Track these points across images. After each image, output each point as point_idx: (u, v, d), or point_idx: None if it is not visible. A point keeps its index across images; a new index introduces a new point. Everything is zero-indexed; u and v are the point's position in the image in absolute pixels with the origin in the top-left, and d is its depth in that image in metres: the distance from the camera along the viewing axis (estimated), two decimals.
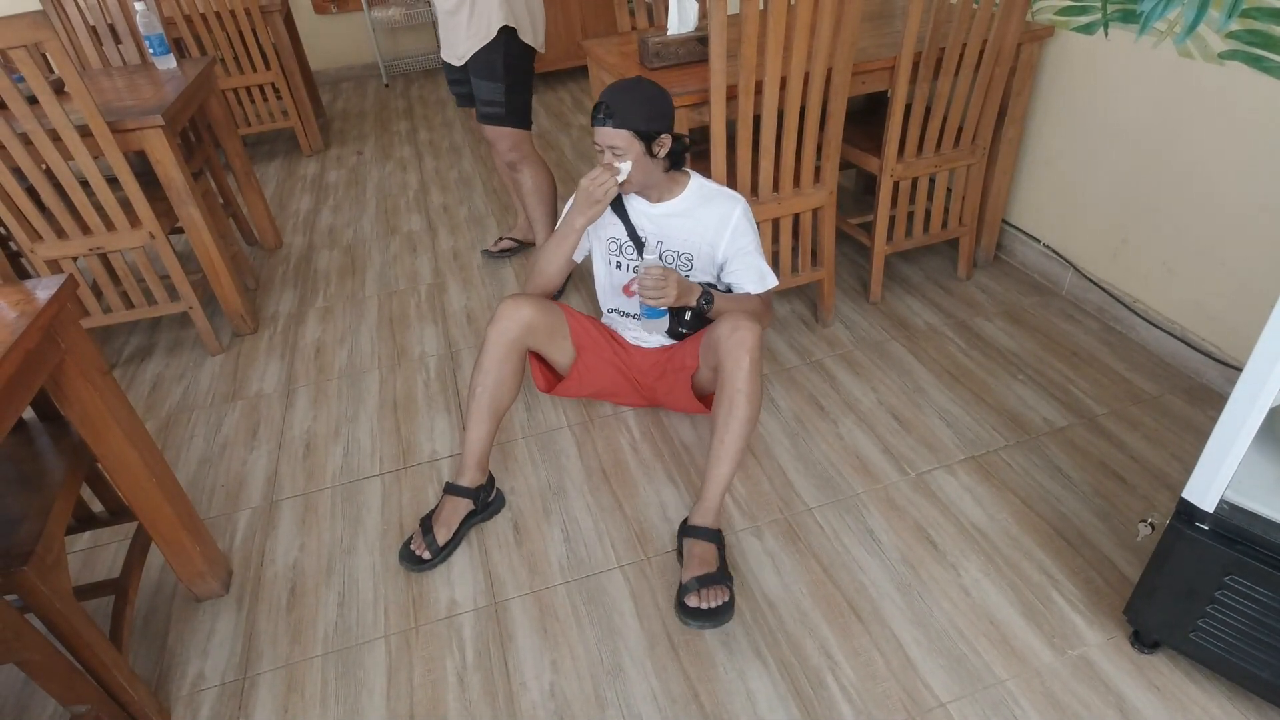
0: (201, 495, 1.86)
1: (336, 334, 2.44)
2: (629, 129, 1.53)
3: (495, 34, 2.21)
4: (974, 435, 1.84)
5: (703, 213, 1.67)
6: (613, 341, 1.83)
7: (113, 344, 2.49)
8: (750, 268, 1.70)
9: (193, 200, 2.24)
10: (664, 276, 1.52)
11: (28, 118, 1.90)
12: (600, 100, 1.54)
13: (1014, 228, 2.47)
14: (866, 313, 2.31)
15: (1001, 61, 2.03)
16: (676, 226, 1.69)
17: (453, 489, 1.67)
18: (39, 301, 1.17)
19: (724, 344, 1.53)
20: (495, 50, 2.25)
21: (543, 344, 1.74)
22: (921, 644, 1.40)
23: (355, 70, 5.27)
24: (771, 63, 1.76)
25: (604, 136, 1.55)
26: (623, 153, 1.55)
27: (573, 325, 1.78)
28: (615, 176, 1.57)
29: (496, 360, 1.64)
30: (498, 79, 2.31)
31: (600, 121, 1.54)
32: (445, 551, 1.62)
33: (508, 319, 1.65)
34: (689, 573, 1.47)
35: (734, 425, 1.53)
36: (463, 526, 1.66)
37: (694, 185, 1.69)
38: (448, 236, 3.01)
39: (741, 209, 1.67)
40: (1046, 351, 2.09)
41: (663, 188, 1.66)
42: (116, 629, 1.35)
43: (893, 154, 2.10)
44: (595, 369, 1.81)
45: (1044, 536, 1.58)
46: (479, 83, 2.32)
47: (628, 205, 1.70)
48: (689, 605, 1.43)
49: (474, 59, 2.27)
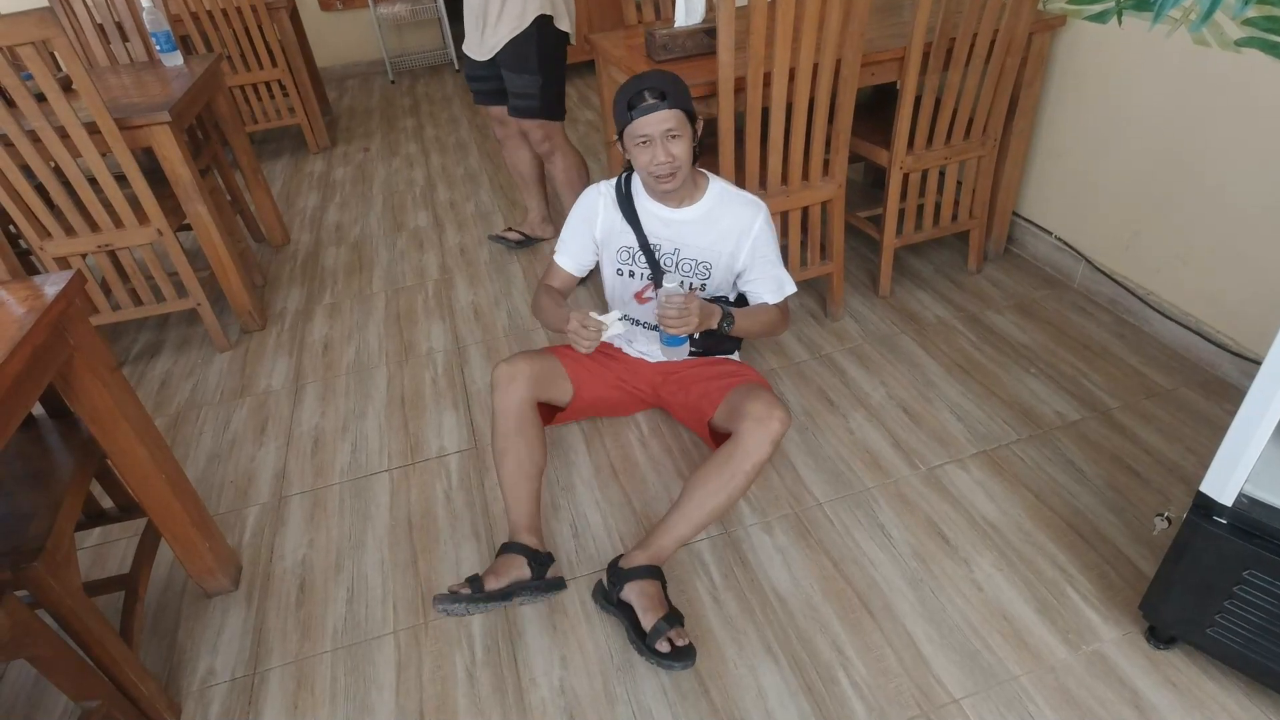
0: (211, 491, 1.86)
1: (344, 330, 2.44)
2: (682, 108, 1.45)
3: (529, 23, 2.18)
4: (985, 429, 1.82)
5: (722, 219, 1.60)
6: (610, 361, 1.77)
7: (122, 341, 2.50)
8: (769, 277, 1.65)
9: (200, 197, 2.24)
10: (686, 305, 1.43)
11: (36, 115, 1.91)
12: (639, 86, 1.43)
13: (1025, 220, 2.44)
14: (876, 307, 2.30)
15: (1012, 52, 2.01)
16: (694, 234, 1.60)
17: (508, 546, 1.48)
18: (47, 298, 1.17)
19: (752, 421, 1.44)
20: (529, 41, 2.22)
21: (545, 392, 1.64)
22: (934, 640, 1.39)
23: (361, 67, 5.27)
24: (780, 54, 1.74)
25: (658, 121, 1.42)
26: (679, 135, 1.44)
27: (567, 365, 1.70)
28: (598, 337, 1.45)
29: (511, 431, 1.55)
30: (532, 71, 2.27)
31: (652, 108, 1.42)
32: (488, 598, 1.40)
33: (507, 389, 1.55)
34: (650, 617, 1.36)
35: (719, 499, 1.45)
36: (514, 587, 1.43)
37: (714, 189, 1.61)
38: (455, 232, 3.00)
39: (764, 217, 1.61)
40: (1058, 345, 2.07)
41: (685, 189, 1.57)
42: (126, 625, 1.35)
43: (902, 146, 2.09)
44: (595, 393, 1.74)
45: (1057, 531, 1.56)
46: (511, 76, 2.29)
47: (640, 209, 1.62)
48: (663, 650, 1.32)
49: (506, 50, 2.23)
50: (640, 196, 1.62)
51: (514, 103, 2.36)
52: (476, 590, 1.40)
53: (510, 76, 2.30)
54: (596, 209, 1.66)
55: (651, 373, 1.78)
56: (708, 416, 1.65)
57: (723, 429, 1.59)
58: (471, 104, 4.48)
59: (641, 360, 1.78)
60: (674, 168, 1.47)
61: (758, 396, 1.50)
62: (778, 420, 1.45)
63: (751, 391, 1.53)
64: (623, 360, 1.78)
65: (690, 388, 1.71)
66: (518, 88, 2.31)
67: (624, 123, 1.47)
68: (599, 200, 1.66)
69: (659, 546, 1.45)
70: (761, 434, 1.44)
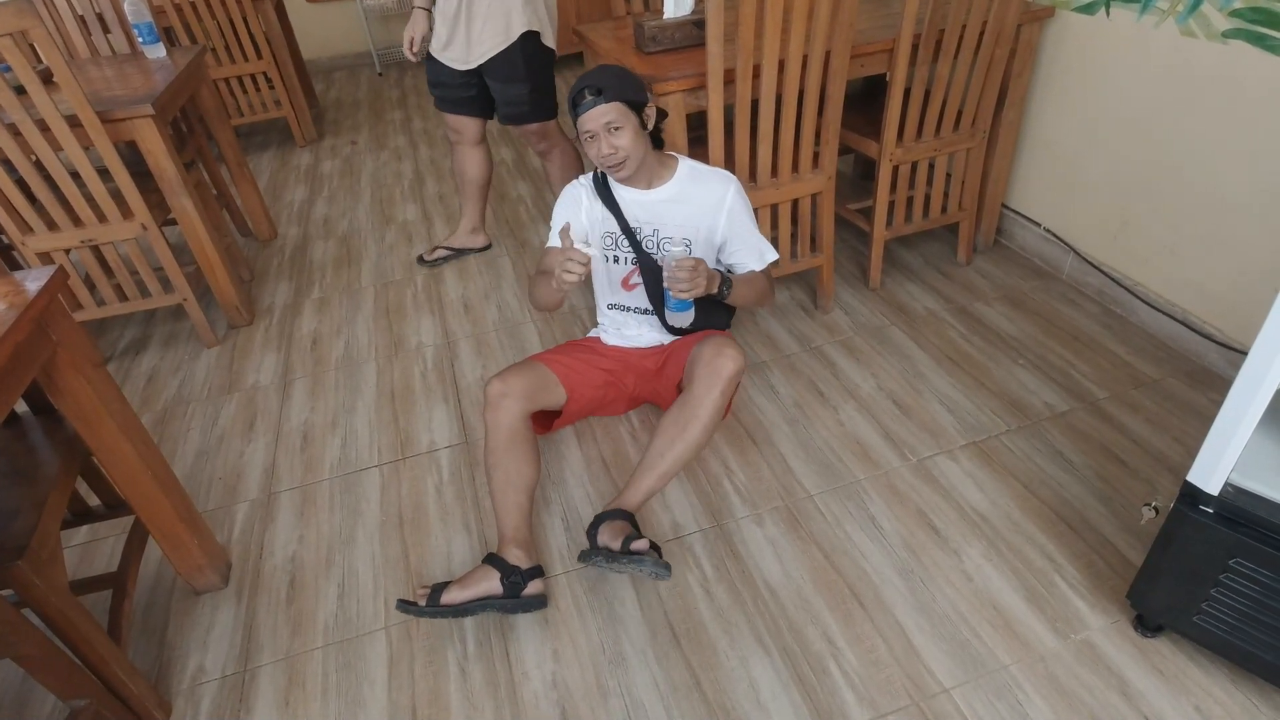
0: (199, 488, 1.85)
1: (333, 325, 2.43)
2: (621, 100, 1.49)
3: (516, 38, 2.16)
4: (975, 420, 1.83)
5: (696, 195, 1.65)
6: (599, 359, 1.76)
7: (107, 337, 2.47)
8: (750, 247, 1.69)
9: (185, 191, 2.22)
10: (695, 268, 1.47)
11: (15, 108, 1.88)
12: (581, 85, 1.49)
13: (1014, 212, 2.45)
14: (866, 299, 2.30)
15: (1001, 43, 2.01)
16: (671, 212, 1.65)
17: (489, 558, 1.47)
18: (29, 294, 1.15)
19: (703, 366, 1.54)
20: (516, 53, 2.20)
21: (538, 402, 1.63)
22: (924, 630, 1.39)
23: (348, 59, 5.22)
24: (769, 45, 1.73)
25: (598, 116, 1.49)
26: (620, 127, 1.49)
27: (558, 370, 1.68)
28: (581, 266, 1.45)
29: (502, 447, 1.54)
30: (520, 80, 2.25)
31: (589, 104, 1.48)
32: (441, 612, 1.40)
33: (498, 405, 1.55)
34: (616, 541, 1.43)
35: (678, 447, 1.53)
36: (475, 604, 1.41)
37: (683, 168, 1.66)
38: (443, 226, 2.98)
39: (735, 188, 1.65)
40: (1047, 336, 2.08)
41: (653, 171, 1.63)
42: (115, 623, 1.34)
43: (892, 138, 2.09)
44: (587, 395, 1.73)
45: (1046, 521, 1.57)
46: (499, 86, 2.27)
47: (618, 196, 1.66)
48: (613, 547, 1.41)
49: (493, 63, 2.21)
50: (615, 183, 1.66)
51: (505, 111, 2.33)
52: (432, 602, 1.40)
53: (498, 87, 2.27)
54: (580, 200, 1.70)
55: (645, 364, 1.78)
56: (677, 380, 1.70)
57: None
58: None
59: (630, 351, 1.78)
60: (619, 159, 1.52)
61: (708, 342, 1.57)
62: (728, 358, 1.52)
63: (707, 341, 1.59)
64: (611, 355, 1.78)
65: (668, 368, 1.73)
66: (509, 97, 2.29)
67: (573, 120, 1.53)
68: (580, 191, 1.70)
69: (625, 498, 1.55)
70: (710, 377, 1.52)
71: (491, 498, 1.55)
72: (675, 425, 1.54)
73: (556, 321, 2.36)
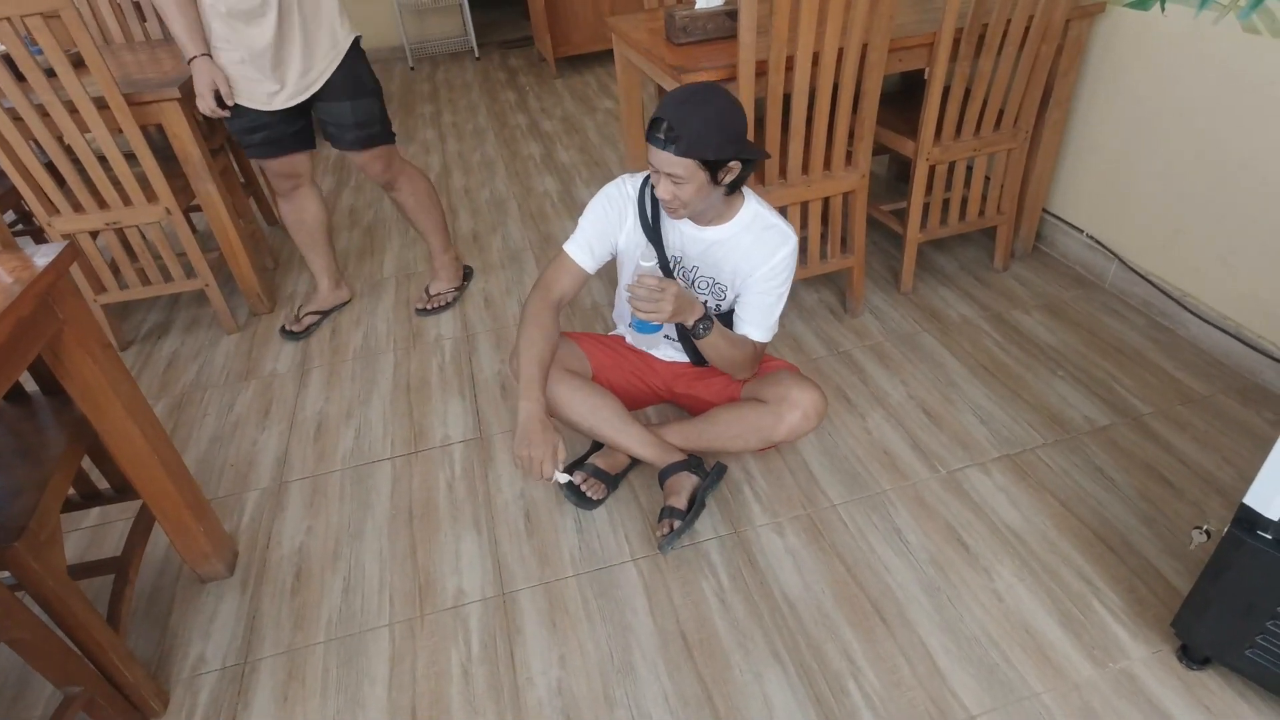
0: (211, 474, 1.83)
1: (353, 316, 2.40)
2: (695, 158, 1.28)
3: (346, 47, 1.94)
4: (1010, 433, 1.74)
5: (749, 245, 1.46)
6: (629, 353, 1.72)
7: (131, 320, 2.48)
8: (762, 309, 1.50)
9: (210, 177, 2.21)
10: (660, 289, 1.32)
11: (45, 89, 1.88)
12: (660, 115, 1.27)
13: (1055, 217, 2.35)
14: (897, 303, 2.22)
15: (1048, 39, 1.92)
16: (720, 256, 1.49)
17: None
18: (36, 269, 1.13)
19: (799, 420, 1.51)
20: (355, 61, 1.97)
21: (565, 363, 1.61)
22: (950, 651, 1.32)
23: (382, 53, 5.23)
24: (804, 37, 1.67)
25: (661, 162, 1.29)
26: (682, 180, 1.30)
27: (585, 347, 1.67)
28: (545, 478, 1.43)
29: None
30: (368, 93, 2.01)
31: (660, 143, 1.27)
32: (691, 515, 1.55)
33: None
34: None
35: (733, 444, 1.58)
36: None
37: (747, 214, 1.47)
38: (468, 219, 2.96)
39: (789, 250, 1.46)
40: (1088, 347, 1.99)
41: (715, 211, 1.44)
42: (114, 609, 1.32)
43: (929, 136, 2.01)
44: (609, 379, 1.68)
45: (1084, 541, 1.49)
46: (345, 105, 1.98)
47: (665, 222, 1.50)
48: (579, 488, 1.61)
49: (334, 81, 1.95)
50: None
51: (355, 135, 2.04)
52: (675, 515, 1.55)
53: (342, 108, 1.99)
54: (625, 216, 1.52)
55: (668, 371, 1.72)
56: (710, 401, 1.65)
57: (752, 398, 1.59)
58: (491, 90, 4.43)
59: (654, 358, 1.73)
60: (670, 205, 1.37)
61: (805, 388, 1.52)
62: (816, 419, 1.52)
63: (799, 380, 1.54)
64: (641, 355, 1.73)
65: (710, 380, 1.67)
66: (358, 116, 2.01)
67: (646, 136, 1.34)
68: (627, 208, 1.52)
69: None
70: (800, 425, 1.51)
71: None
72: (744, 436, 1.56)
73: (578, 317, 2.31)
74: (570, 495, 1.63)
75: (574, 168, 3.30)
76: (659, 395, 1.76)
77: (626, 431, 1.59)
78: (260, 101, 1.93)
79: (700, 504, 1.57)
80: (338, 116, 2.02)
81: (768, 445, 1.60)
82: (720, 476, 1.62)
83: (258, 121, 1.97)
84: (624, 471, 1.71)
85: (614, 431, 1.59)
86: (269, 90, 1.92)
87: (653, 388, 1.73)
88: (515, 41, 5.37)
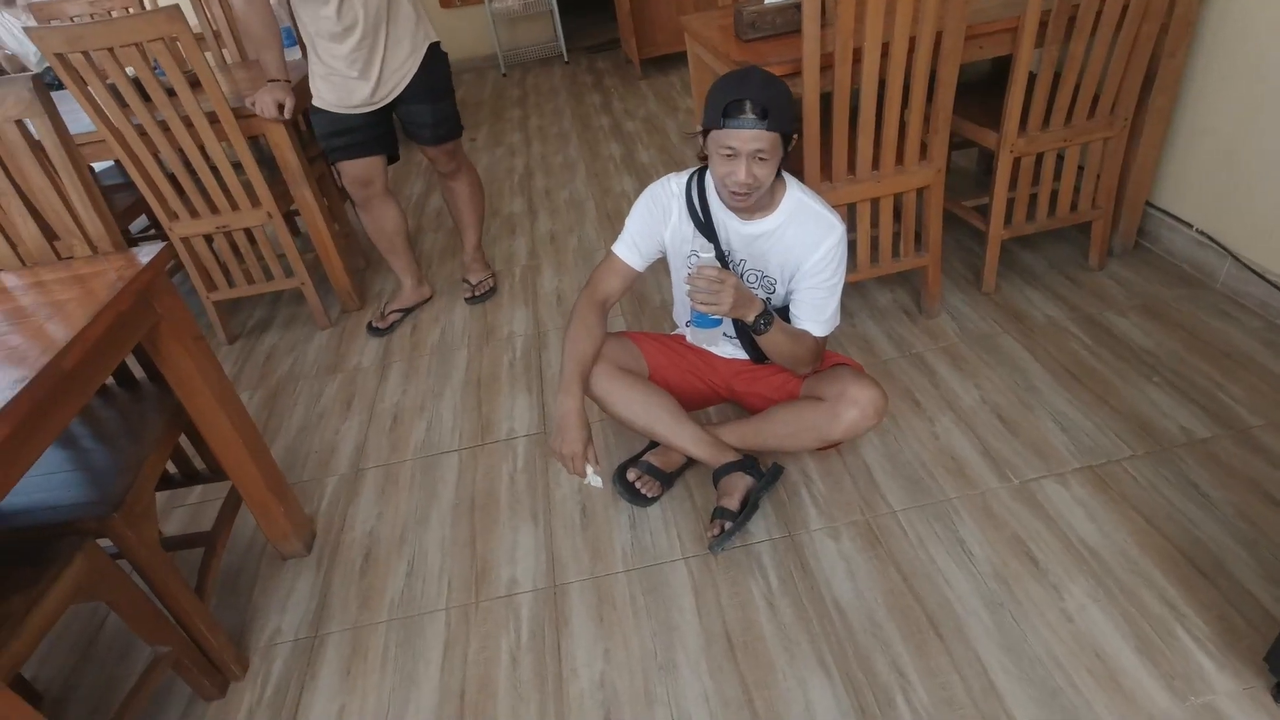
0: (297, 460, 1.96)
1: (433, 312, 2.52)
2: (781, 131, 1.30)
3: (425, 51, 2.11)
4: (1093, 442, 1.63)
5: (794, 234, 1.45)
6: (687, 351, 1.71)
7: (238, 316, 2.69)
8: (817, 304, 1.48)
9: (307, 183, 2.37)
10: (719, 280, 1.32)
11: (165, 106, 2.07)
12: (744, 96, 1.27)
13: (1159, 210, 2.17)
14: (977, 303, 2.11)
15: (1150, 19, 1.78)
16: (766, 249, 1.48)
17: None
18: (138, 267, 1.25)
19: (856, 416, 1.47)
20: (436, 63, 2.16)
21: (621, 362, 1.62)
22: (1010, 671, 1.25)
23: (476, 61, 5.44)
24: (872, 27, 1.62)
25: (751, 139, 1.28)
26: (767, 158, 1.31)
27: (642, 346, 1.67)
28: (581, 478, 1.49)
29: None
30: (445, 93, 2.20)
31: (749, 122, 1.27)
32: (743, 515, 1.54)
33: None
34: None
35: (785, 444, 1.57)
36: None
37: (790, 201, 1.45)
38: (547, 219, 3.03)
39: (837, 238, 1.43)
40: (1191, 352, 1.82)
41: (762, 201, 1.43)
42: (202, 579, 1.44)
43: (1013, 127, 1.90)
44: (666, 378, 1.67)
45: (1170, 562, 1.37)
46: (425, 107, 2.17)
47: (716, 219, 1.50)
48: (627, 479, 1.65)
49: (413, 85, 2.12)
50: (714, 202, 1.50)
51: (433, 132, 2.21)
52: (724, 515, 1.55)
53: (423, 109, 2.17)
54: (670, 211, 1.53)
55: (728, 369, 1.71)
56: (769, 399, 1.62)
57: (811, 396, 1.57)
58: (577, 94, 4.52)
59: (714, 355, 1.72)
60: (751, 188, 1.34)
61: (863, 384, 1.48)
62: (875, 417, 1.48)
63: (858, 377, 1.50)
64: (700, 353, 1.72)
65: (771, 378, 1.64)
66: (438, 115, 2.19)
67: (714, 125, 1.32)
68: (671, 204, 1.53)
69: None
70: (858, 423, 1.48)
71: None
72: (798, 435, 1.54)
73: (646, 316, 2.33)
74: (625, 492, 1.65)
75: (653, 167, 3.33)
76: (718, 394, 1.75)
77: (681, 430, 1.59)
78: (351, 105, 2.11)
79: (753, 506, 1.55)
80: (418, 116, 2.19)
81: (826, 445, 1.56)
82: (776, 478, 1.60)
83: (343, 125, 2.14)
84: (679, 470, 1.71)
85: (668, 430, 1.59)
86: (360, 94, 2.09)
87: (712, 386, 1.72)
88: (603, 45, 5.45)
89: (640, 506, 1.66)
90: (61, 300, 1.18)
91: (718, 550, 1.52)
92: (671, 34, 4.47)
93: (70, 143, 1.33)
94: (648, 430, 1.61)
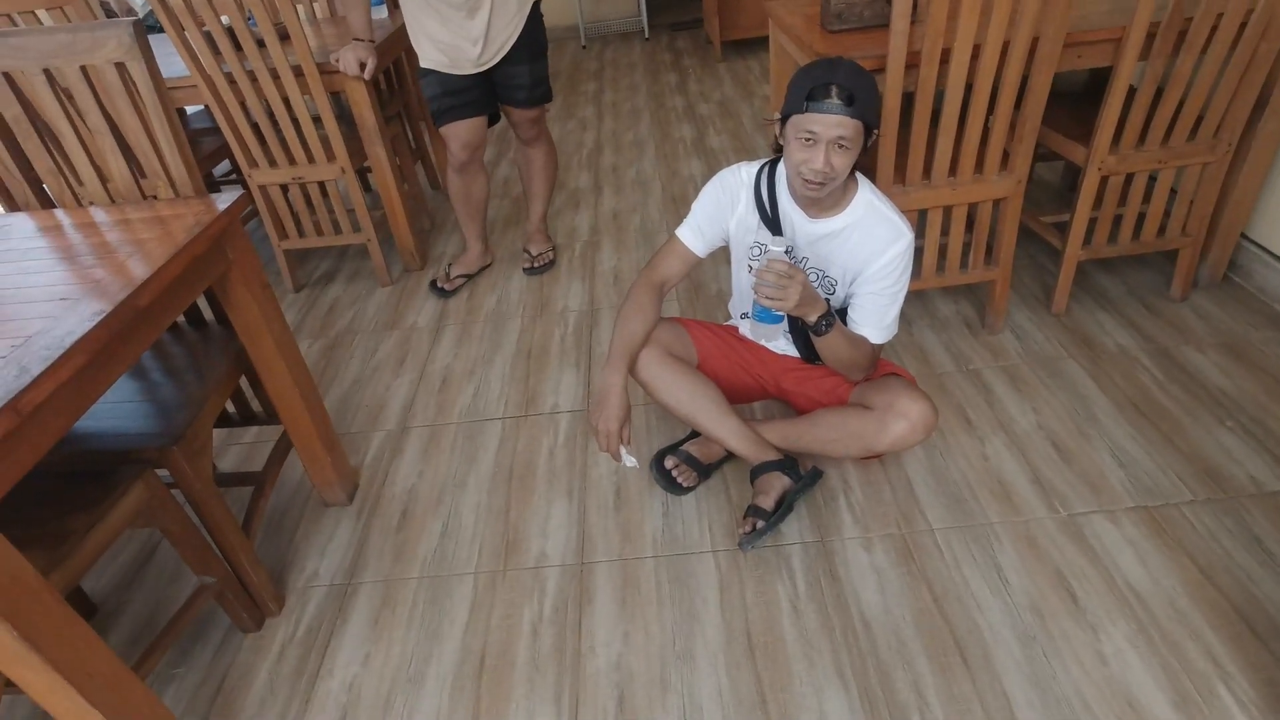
0: (348, 411, 2.03)
1: (490, 280, 2.55)
2: (865, 121, 1.27)
3: (529, 10, 2.13)
4: (1152, 482, 1.56)
5: (860, 236, 1.41)
6: (737, 343, 1.69)
7: (305, 267, 2.78)
8: (877, 310, 1.45)
9: (381, 142, 2.42)
10: (788, 275, 1.30)
11: (255, 57, 2.13)
12: (831, 80, 1.25)
13: (1255, 244, 2.04)
14: (1044, 323, 2.03)
15: (1270, 37, 1.66)
16: (830, 249, 1.45)
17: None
18: (216, 212, 1.30)
19: (905, 429, 1.45)
20: (536, 25, 2.18)
21: (672, 348, 1.61)
22: (1035, 707, 1.21)
23: (558, 32, 5.43)
24: (965, 27, 1.56)
25: (834, 125, 1.25)
26: (848, 147, 1.28)
27: (693, 333, 1.66)
28: (614, 458, 1.51)
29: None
30: (542, 52, 2.22)
31: (835, 108, 1.24)
32: (777, 517, 1.53)
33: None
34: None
35: (832, 449, 1.55)
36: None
37: (861, 200, 1.41)
38: (611, 196, 3.03)
39: (904, 245, 1.40)
40: (1272, 398, 1.72)
41: (832, 199, 1.40)
42: (249, 517, 1.50)
43: (1105, 143, 1.80)
44: (715, 368, 1.66)
45: (1221, 617, 1.31)
46: (524, 68, 2.19)
47: (783, 214, 1.46)
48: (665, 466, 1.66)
49: (518, 45, 2.15)
50: (783, 196, 1.46)
51: (533, 93, 2.25)
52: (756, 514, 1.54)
53: (522, 70, 2.20)
54: (737, 200, 1.51)
55: (778, 365, 1.69)
56: (818, 401, 1.60)
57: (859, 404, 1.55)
58: (654, 71, 4.48)
59: (766, 350, 1.70)
60: (827, 178, 1.30)
61: (914, 398, 1.45)
62: (923, 432, 1.46)
63: (909, 389, 1.47)
64: (751, 346, 1.70)
65: (821, 380, 1.62)
66: (535, 76, 2.23)
67: (795, 109, 1.29)
68: (740, 192, 1.51)
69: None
70: (906, 437, 1.46)
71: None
72: (843, 442, 1.53)
73: (700, 302, 2.32)
74: (661, 479, 1.66)
75: (722, 153, 3.28)
76: (765, 389, 1.73)
77: (723, 422, 1.58)
78: (463, 67, 2.15)
79: (788, 507, 1.54)
80: (516, 78, 2.22)
81: (870, 454, 1.54)
82: (814, 481, 1.58)
83: (452, 86, 2.18)
84: (718, 462, 1.71)
85: (710, 421, 1.59)
86: (470, 56, 2.13)
87: (760, 380, 1.70)
88: (685, 24, 5.38)
89: (675, 495, 1.66)
90: (143, 239, 1.23)
91: (748, 548, 1.52)
92: (755, 17, 4.38)
93: (163, 89, 1.38)
94: (690, 419, 1.61)
